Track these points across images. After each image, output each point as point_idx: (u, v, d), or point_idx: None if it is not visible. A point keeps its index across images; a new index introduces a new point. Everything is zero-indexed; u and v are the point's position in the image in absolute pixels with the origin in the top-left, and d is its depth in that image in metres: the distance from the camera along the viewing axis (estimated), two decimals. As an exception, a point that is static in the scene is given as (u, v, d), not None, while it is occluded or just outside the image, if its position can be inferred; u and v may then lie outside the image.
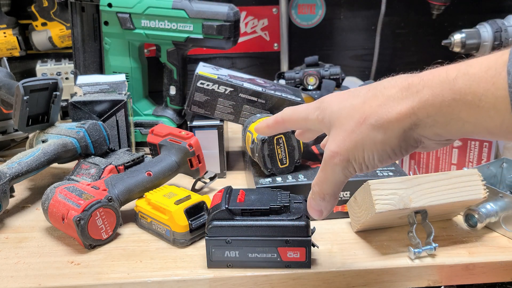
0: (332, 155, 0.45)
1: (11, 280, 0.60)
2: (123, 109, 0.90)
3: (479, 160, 0.79)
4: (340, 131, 0.44)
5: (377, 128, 0.42)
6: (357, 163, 0.44)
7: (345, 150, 0.44)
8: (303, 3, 1.31)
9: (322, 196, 0.48)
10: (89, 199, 0.65)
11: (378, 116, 0.42)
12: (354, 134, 0.43)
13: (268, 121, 0.54)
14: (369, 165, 0.44)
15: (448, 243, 0.66)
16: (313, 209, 0.49)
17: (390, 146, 0.42)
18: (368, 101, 0.43)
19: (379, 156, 0.43)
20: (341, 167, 0.45)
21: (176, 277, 0.60)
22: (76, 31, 1.04)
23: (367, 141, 0.42)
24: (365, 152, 0.43)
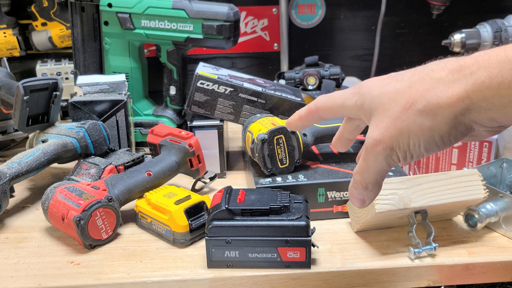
0: (374, 143, 0.42)
1: (11, 280, 0.60)
2: (123, 109, 0.90)
3: (479, 160, 0.79)
4: (383, 117, 0.41)
5: (426, 113, 0.39)
6: (401, 151, 0.41)
7: (389, 137, 0.41)
8: (303, 3, 1.31)
9: (365, 186, 0.45)
10: (89, 199, 0.65)
11: (426, 101, 0.39)
12: (399, 121, 0.40)
13: (301, 112, 0.50)
14: (414, 153, 0.41)
15: (448, 243, 0.66)
16: (356, 198, 0.46)
17: (438, 133, 0.39)
18: (415, 85, 0.40)
19: (426, 144, 0.40)
20: (384, 155, 0.42)
21: (176, 277, 0.60)
22: (76, 31, 1.04)
23: (413, 127, 0.39)
24: (410, 140, 0.40)
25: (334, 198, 0.73)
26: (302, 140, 0.76)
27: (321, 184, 0.72)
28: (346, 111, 0.46)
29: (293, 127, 0.52)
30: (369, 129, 0.43)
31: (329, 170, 0.76)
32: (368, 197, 0.46)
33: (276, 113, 0.90)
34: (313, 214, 0.72)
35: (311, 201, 0.72)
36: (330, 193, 0.73)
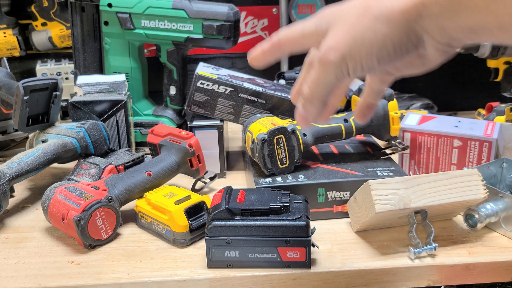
0: (327, 50, 0.41)
1: (11, 280, 0.60)
2: (123, 109, 0.90)
3: (479, 160, 0.79)
4: (339, 27, 0.41)
5: (381, 19, 0.39)
6: (352, 60, 0.40)
7: (342, 44, 0.40)
8: (303, 3, 1.31)
9: (311, 99, 0.44)
10: (89, 199, 0.65)
11: (382, 6, 0.39)
12: (355, 27, 0.40)
13: (263, 46, 0.48)
14: (365, 65, 0.40)
15: (448, 243, 0.66)
16: (299, 114, 0.45)
17: (391, 40, 0.39)
18: None
19: (379, 52, 0.40)
20: (334, 64, 0.41)
21: (176, 277, 0.60)
22: (76, 31, 1.03)
23: (367, 34, 0.39)
24: (363, 48, 0.40)
25: (334, 198, 0.73)
26: (302, 140, 0.76)
27: (321, 184, 0.72)
28: (307, 39, 0.45)
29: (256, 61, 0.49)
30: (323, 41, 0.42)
31: (329, 170, 0.76)
32: (311, 113, 0.45)
33: (276, 113, 0.90)
34: (313, 214, 0.72)
35: (311, 201, 0.72)
36: (330, 193, 0.73)
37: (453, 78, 1.34)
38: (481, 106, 1.15)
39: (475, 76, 1.33)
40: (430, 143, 0.83)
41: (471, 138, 0.79)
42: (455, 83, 1.35)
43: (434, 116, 0.88)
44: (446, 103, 1.30)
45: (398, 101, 1.14)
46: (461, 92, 1.34)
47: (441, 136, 0.81)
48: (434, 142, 0.82)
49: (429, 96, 1.25)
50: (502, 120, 0.96)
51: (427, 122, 0.85)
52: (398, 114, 0.80)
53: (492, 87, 1.20)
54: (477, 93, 1.30)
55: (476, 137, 0.78)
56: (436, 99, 1.24)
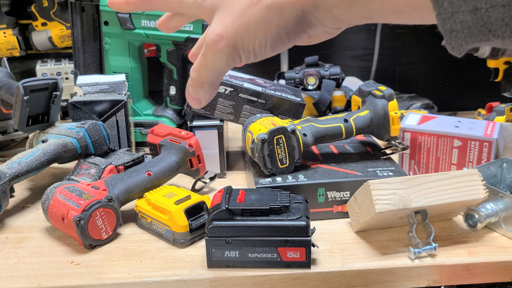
0: (216, 39, 0.39)
1: (11, 280, 0.60)
2: (123, 109, 0.90)
3: (479, 160, 0.79)
4: (227, 13, 0.39)
5: (274, 9, 0.37)
6: (245, 50, 0.39)
7: (233, 33, 0.39)
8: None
9: (200, 84, 0.43)
10: (89, 199, 0.65)
11: None
12: (246, 16, 0.38)
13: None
14: (258, 52, 0.39)
15: (448, 243, 0.66)
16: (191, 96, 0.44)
17: (285, 30, 0.38)
18: None
19: (272, 42, 0.39)
20: (225, 54, 0.39)
21: (176, 277, 0.60)
22: (76, 31, 1.03)
23: (260, 24, 0.38)
24: (257, 37, 0.38)
25: (334, 198, 0.73)
26: (302, 140, 0.76)
27: (321, 184, 0.72)
28: (184, 8, 0.43)
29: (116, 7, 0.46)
30: (211, 25, 0.40)
31: (329, 170, 0.76)
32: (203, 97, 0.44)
33: (276, 113, 0.90)
34: (313, 214, 0.72)
35: (311, 201, 0.72)
36: (330, 193, 0.73)
37: (453, 78, 1.34)
38: (481, 106, 1.15)
39: (475, 76, 1.33)
40: (430, 143, 0.83)
41: (471, 138, 0.79)
42: (455, 83, 1.35)
43: (434, 116, 0.88)
44: (446, 103, 1.30)
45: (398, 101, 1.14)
46: (461, 92, 1.34)
47: (441, 136, 0.81)
48: (434, 142, 0.82)
49: (429, 96, 1.25)
50: (502, 120, 0.96)
51: (427, 122, 0.85)
52: (398, 114, 0.80)
53: (492, 87, 1.20)
54: (477, 93, 1.30)
55: (476, 137, 0.78)
56: (436, 99, 1.24)
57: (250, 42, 0.39)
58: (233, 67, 0.41)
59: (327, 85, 1.11)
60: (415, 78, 1.35)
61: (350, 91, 1.15)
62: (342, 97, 1.13)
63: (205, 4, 0.40)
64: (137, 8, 0.45)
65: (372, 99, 0.81)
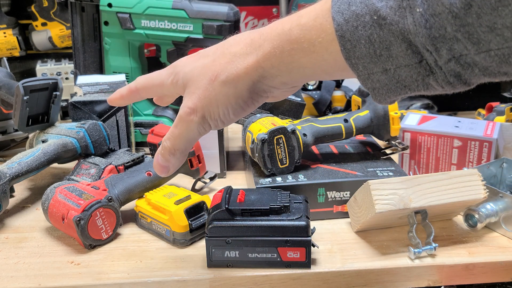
0: (189, 111, 0.46)
1: (11, 280, 0.60)
2: (123, 109, 0.90)
3: (479, 160, 0.79)
4: (195, 89, 0.46)
5: (228, 83, 0.44)
6: (212, 119, 0.46)
7: (200, 107, 0.46)
8: (303, 3, 1.31)
9: (173, 152, 0.49)
10: (89, 199, 0.65)
11: (228, 72, 0.44)
12: (208, 91, 0.45)
13: (122, 91, 0.53)
14: (224, 120, 0.46)
15: (448, 243, 0.66)
16: (160, 165, 0.50)
17: (242, 99, 0.45)
18: (218, 60, 0.46)
19: (233, 110, 0.46)
20: (197, 123, 0.46)
21: (176, 277, 0.60)
22: (76, 31, 1.03)
23: (220, 97, 0.45)
24: (220, 109, 0.45)
25: (334, 198, 0.73)
26: (302, 140, 0.76)
27: (321, 184, 0.72)
28: (165, 90, 0.50)
29: (115, 103, 0.54)
30: (184, 100, 0.47)
31: (329, 170, 0.76)
32: (173, 165, 0.50)
33: (276, 113, 0.90)
34: (313, 214, 0.72)
35: (311, 201, 0.72)
36: (330, 193, 0.73)
37: (453, 78, 1.34)
38: (481, 106, 1.15)
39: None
40: (430, 143, 0.83)
41: (471, 138, 0.79)
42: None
43: (434, 116, 0.88)
44: (446, 103, 1.30)
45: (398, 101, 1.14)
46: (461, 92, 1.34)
47: (441, 136, 0.81)
48: (434, 142, 0.82)
49: (429, 96, 1.25)
50: (502, 120, 0.96)
51: (427, 122, 0.85)
52: (398, 114, 0.80)
53: (492, 87, 1.20)
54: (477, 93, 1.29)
55: (476, 137, 0.78)
56: (436, 99, 1.24)
57: (215, 112, 0.46)
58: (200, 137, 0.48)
59: (327, 85, 1.11)
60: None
61: (350, 91, 1.15)
62: (342, 97, 1.13)
63: (179, 83, 0.48)
64: (130, 99, 0.53)
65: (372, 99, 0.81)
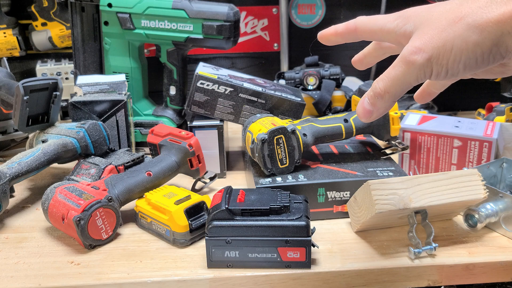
0: (414, 50, 0.42)
1: (11, 280, 0.60)
2: (123, 109, 0.90)
3: (479, 160, 0.79)
4: (428, 30, 0.42)
5: (474, 27, 0.40)
6: (438, 64, 0.41)
7: (431, 47, 0.41)
8: (303, 3, 1.31)
9: (382, 94, 0.44)
10: (89, 199, 0.65)
11: (477, 16, 0.40)
12: (445, 33, 0.41)
13: (338, 27, 0.49)
14: (450, 68, 0.41)
15: (448, 243, 0.66)
16: (364, 108, 0.45)
17: (481, 49, 0.40)
18: (466, 3, 0.41)
19: (467, 59, 0.40)
20: (419, 65, 0.41)
21: (176, 277, 0.60)
22: (76, 31, 1.04)
23: (458, 40, 0.40)
24: (452, 53, 0.40)
25: (334, 198, 0.73)
26: (302, 140, 0.76)
27: (321, 184, 0.72)
28: (385, 35, 0.46)
29: (325, 40, 0.50)
30: (410, 41, 0.43)
31: (329, 170, 0.76)
32: (377, 109, 0.45)
33: (276, 113, 0.90)
34: (313, 214, 0.72)
35: (311, 201, 0.72)
36: (330, 193, 0.73)
37: (453, 78, 1.34)
38: (481, 106, 1.15)
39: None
40: (430, 143, 0.83)
41: (471, 138, 0.79)
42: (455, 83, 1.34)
43: (434, 116, 0.88)
44: (446, 103, 1.30)
45: (398, 101, 1.14)
46: (461, 92, 1.34)
47: (441, 136, 0.81)
48: (434, 142, 0.82)
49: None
50: (502, 120, 0.96)
51: (427, 122, 0.85)
52: (398, 114, 0.80)
53: (492, 87, 1.20)
54: (477, 93, 1.30)
55: (476, 137, 0.78)
56: (436, 99, 1.24)
57: (445, 56, 0.41)
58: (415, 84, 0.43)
59: (327, 85, 1.11)
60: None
61: (350, 91, 1.15)
62: (342, 97, 1.13)
63: (405, 27, 0.44)
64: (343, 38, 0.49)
65: None
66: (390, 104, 0.45)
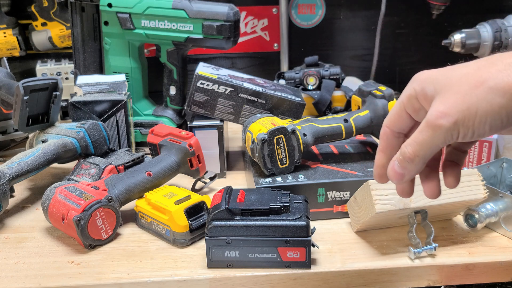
0: (439, 115, 0.42)
1: (11, 280, 0.61)
2: (123, 109, 0.90)
3: (479, 160, 0.79)
4: (450, 95, 0.42)
5: (497, 91, 0.41)
6: (465, 126, 0.42)
7: (455, 111, 0.41)
8: (303, 3, 1.31)
9: (412, 158, 0.45)
10: (89, 199, 0.65)
11: (498, 79, 0.41)
12: (468, 97, 0.41)
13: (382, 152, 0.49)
14: (477, 129, 0.42)
15: (448, 243, 0.66)
16: (395, 171, 0.46)
17: (506, 111, 0.41)
18: (484, 68, 0.42)
19: (492, 121, 0.41)
20: (445, 129, 0.42)
21: (176, 277, 0.60)
22: (76, 31, 1.04)
23: (482, 104, 0.41)
24: (477, 115, 0.41)
25: (334, 198, 0.73)
26: (302, 140, 0.76)
27: (321, 184, 0.72)
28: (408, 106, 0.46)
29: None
30: (433, 105, 0.43)
31: (329, 170, 0.76)
32: (409, 172, 0.46)
33: (276, 113, 0.90)
34: (313, 214, 0.72)
35: (311, 201, 0.72)
36: (330, 193, 0.73)
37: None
38: (481, 106, 1.15)
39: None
40: (430, 143, 0.82)
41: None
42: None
43: (434, 116, 0.87)
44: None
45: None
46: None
47: (441, 136, 0.81)
48: (434, 142, 0.82)
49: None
50: (502, 120, 0.96)
51: (427, 122, 0.85)
52: (398, 114, 0.80)
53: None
54: (477, 93, 1.30)
55: (476, 137, 0.78)
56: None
57: (471, 119, 0.41)
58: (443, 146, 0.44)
59: (327, 85, 1.11)
60: (415, 78, 1.35)
61: (350, 91, 1.15)
62: (342, 97, 1.13)
63: (426, 90, 0.44)
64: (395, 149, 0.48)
65: (372, 99, 0.81)
66: (421, 166, 0.46)
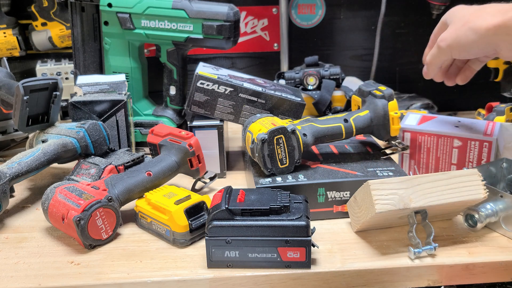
0: (441, 39, 0.71)
1: (11, 280, 0.61)
2: (123, 109, 0.90)
3: (479, 160, 0.79)
4: (451, 27, 0.70)
5: (472, 30, 0.66)
6: (454, 49, 0.69)
7: (450, 39, 0.69)
8: (303, 3, 1.31)
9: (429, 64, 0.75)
10: (89, 199, 0.65)
11: (476, 22, 0.66)
12: (458, 31, 0.68)
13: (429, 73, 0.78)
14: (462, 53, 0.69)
15: (448, 243, 0.66)
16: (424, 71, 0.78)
17: (476, 44, 0.67)
18: (474, 13, 0.67)
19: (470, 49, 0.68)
20: (443, 49, 0.71)
21: (176, 277, 0.60)
22: (76, 31, 1.04)
23: (463, 37, 0.68)
24: (459, 44, 0.68)
25: (334, 198, 0.73)
26: (302, 140, 0.76)
27: (321, 184, 0.72)
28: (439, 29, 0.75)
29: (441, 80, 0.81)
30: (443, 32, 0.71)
31: (329, 170, 0.76)
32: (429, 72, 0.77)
33: (276, 113, 0.90)
34: (313, 214, 0.72)
35: (311, 201, 0.72)
36: (330, 193, 0.73)
37: (453, 78, 1.34)
38: (481, 106, 1.15)
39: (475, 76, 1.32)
40: (430, 143, 0.83)
41: (471, 138, 0.79)
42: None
43: (434, 116, 0.88)
44: (446, 103, 1.30)
45: (398, 101, 1.14)
46: (461, 92, 1.34)
47: (441, 136, 0.81)
48: (434, 142, 0.82)
49: (429, 96, 1.25)
50: (502, 120, 0.96)
51: (427, 122, 0.85)
52: (398, 114, 0.80)
53: (492, 87, 1.20)
54: (477, 93, 1.30)
55: (476, 137, 0.78)
56: (436, 99, 1.24)
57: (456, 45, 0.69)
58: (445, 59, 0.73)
59: (327, 85, 1.11)
60: (415, 78, 1.35)
61: (350, 91, 1.15)
62: (342, 97, 1.13)
63: (447, 21, 0.73)
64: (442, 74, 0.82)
65: (372, 99, 0.81)
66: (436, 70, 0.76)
